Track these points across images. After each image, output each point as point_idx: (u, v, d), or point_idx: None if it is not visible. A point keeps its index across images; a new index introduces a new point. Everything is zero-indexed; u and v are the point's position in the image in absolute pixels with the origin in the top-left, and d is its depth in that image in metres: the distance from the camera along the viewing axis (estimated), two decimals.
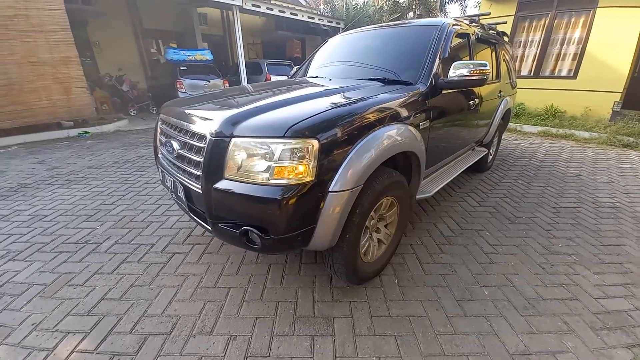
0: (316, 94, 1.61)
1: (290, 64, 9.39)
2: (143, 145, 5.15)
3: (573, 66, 5.89)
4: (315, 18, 9.23)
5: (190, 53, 7.49)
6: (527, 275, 1.90)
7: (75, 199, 2.98)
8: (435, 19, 2.30)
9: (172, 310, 1.60)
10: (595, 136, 5.30)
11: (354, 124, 1.31)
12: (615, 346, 1.40)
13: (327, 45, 2.83)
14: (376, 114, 1.44)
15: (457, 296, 1.72)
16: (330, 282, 1.82)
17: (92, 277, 1.86)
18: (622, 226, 2.52)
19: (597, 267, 2.00)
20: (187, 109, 1.56)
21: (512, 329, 1.51)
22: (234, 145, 1.20)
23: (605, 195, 3.16)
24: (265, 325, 1.51)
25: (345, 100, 1.48)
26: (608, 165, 4.11)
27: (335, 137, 1.24)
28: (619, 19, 5.09)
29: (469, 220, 2.60)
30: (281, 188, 1.15)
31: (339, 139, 1.25)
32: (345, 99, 1.50)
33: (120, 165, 4.08)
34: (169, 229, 2.44)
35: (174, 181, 1.52)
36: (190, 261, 2.02)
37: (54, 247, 2.16)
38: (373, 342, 1.43)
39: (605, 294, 1.74)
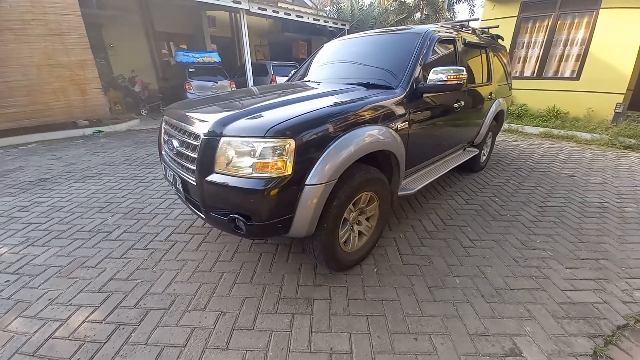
0: (301, 98, 1.79)
1: (296, 65, 9.58)
2: (152, 144, 5.43)
3: (576, 67, 5.87)
4: (321, 20, 9.40)
5: (199, 55, 7.78)
6: (499, 268, 2.02)
7: (89, 192, 3.24)
8: (421, 27, 2.43)
9: (172, 290, 1.80)
10: (596, 137, 5.29)
11: (330, 125, 1.48)
12: (576, 335, 1.51)
13: (322, 50, 3.00)
14: (354, 116, 1.60)
15: (430, 284, 1.87)
16: (315, 269, 1.99)
17: (103, 260, 2.09)
18: (605, 225, 2.60)
19: (571, 262, 2.10)
20: (186, 111, 1.76)
21: (476, 313, 1.64)
22: (223, 143, 1.39)
23: (595, 195, 3.22)
24: (252, 304, 1.69)
25: (327, 103, 1.64)
26: (604, 167, 4.14)
27: (312, 137, 1.41)
28: (623, 20, 5.07)
29: (454, 217, 2.72)
30: (262, 181, 1.33)
31: (315, 138, 1.42)
32: (326, 103, 1.67)
33: (131, 162, 4.35)
34: (172, 220, 2.65)
35: (174, 175, 1.72)
36: (190, 249, 2.23)
37: (70, 235, 2.41)
38: (346, 320, 1.59)
39: (573, 287, 1.85)
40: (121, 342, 1.46)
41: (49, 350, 1.42)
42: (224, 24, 10.86)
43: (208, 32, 9.73)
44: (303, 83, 2.52)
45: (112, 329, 1.53)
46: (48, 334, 1.51)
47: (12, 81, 5.30)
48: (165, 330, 1.52)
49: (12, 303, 1.71)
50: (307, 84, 2.40)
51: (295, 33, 11.68)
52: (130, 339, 1.48)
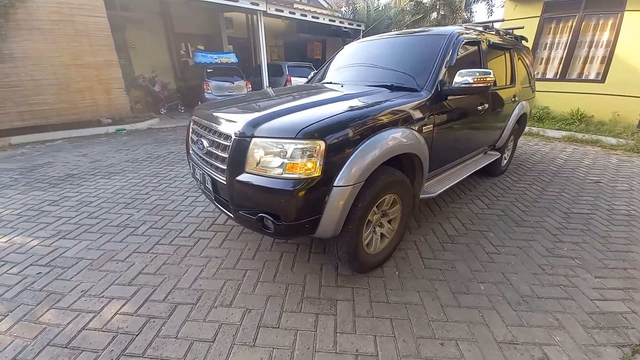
0: (327, 99, 1.80)
1: (311, 66, 9.65)
2: (172, 142, 5.58)
3: (601, 70, 5.66)
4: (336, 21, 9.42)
5: (217, 56, 7.93)
6: (525, 275, 1.98)
7: (115, 188, 3.37)
8: (446, 29, 2.41)
9: (198, 285, 1.85)
10: (622, 143, 5.09)
11: (358, 127, 1.49)
12: (605, 344, 1.47)
13: (342, 52, 3.01)
14: (380, 119, 1.61)
15: (454, 289, 1.85)
16: (336, 270, 2.01)
17: (131, 254, 2.17)
18: (633, 234, 2.50)
19: (600, 271, 2.03)
20: (215, 112, 1.80)
21: (503, 321, 1.62)
22: (254, 144, 1.42)
23: (622, 202, 3.10)
24: (276, 303, 1.72)
25: (353, 105, 1.65)
26: (631, 173, 3.98)
27: (341, 138, 1.42)
28: None
29: (475, 222, 2.68)
30: (292, 181, 1.35)
31: (344, 140, 1.44)
32: (353, 105, 1.68)
33: (153, 160, 4.48)
34: (195, 217, 2.72)
35: (202, 174, 1.77)
36: (213, 246, 2.28)
37: (99, 229, 2.51)
38: (371, 322, 1.59)
39: (602, 297, 1.80)
40: (152, 334, 1.51)
41: (82, 342, 1.47)
42: (241, 25, 11.03)
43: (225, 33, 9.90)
44: (326, 85, 2.54)
45: (143, 322, 1.58)
46: (81, 326, 1.57)
47: (41, 79, 5.56)
48: (194, 325, 1.57)
49: (45, 295, 1.79)
50: (331, 86, 2.42)
51: (310, 34, 11.74)
52: (161, 332, 1.53)
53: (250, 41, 11.77)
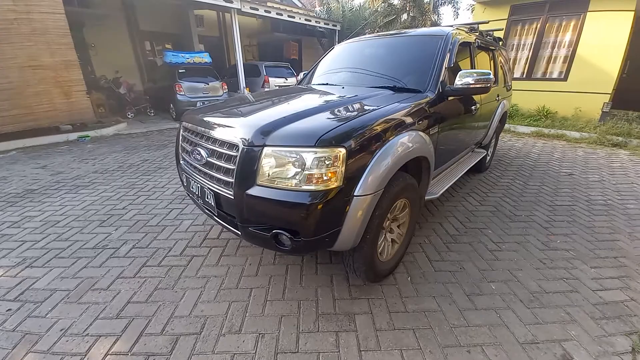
0: (336, 102, 1.70)
1: (288, 66, 9.47)
2: (145, 149, 5.16)
3: (564, 69, 6.12)
4: (312, 20, 9.32)
5: (189, 56, 7.49)
6: (530, 271, 2.03)
7: (85, 204, 3.00)
8: (439, 29, 2.41)
9: (199, 311, 1.67)
10: (585, 136, 5.52)
11: (375, 132, 1.41)
12: (615, 334, 1.52)
13: (334, 52, 2.92)
14: (395, 122, 1.54)
15: (467, 291, 1.83)
16: (347, 280, 1.91)
17: (115, 281, 1.91)
18: (614, 222, 2.68)
19: (594, 261, 2.14)
20: (215, 118, 1.63)
21: (520, 320, 1.62)
22: (266, 154, 1.28)
23: (597, 193, 3.33)
24: (290, 323, 1.59)
25: (365, 109, 1.57)
26: (598, 165, 4.31)
27: (360, 145, 1.33)
28: (609, 23, 5.32)
29: (472, 220, 2.72)
30: (312, 193, 1.24)
31: (363, 146, 1.35)
32: (365, 108, 1.59)
33: (125, 169, 4.09)
34: (184, 232, 2.49)
35: (201, 187, 1.59)
36: (210, 263, 2.09)
37: (72, 253, 2.20)
38: (393, 335, 1.52)
39: (602, 287, 1.88)
40: None
41: None
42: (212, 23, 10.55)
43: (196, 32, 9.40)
44: (324, 87, 2.43)
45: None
46: None
47: None
48: (202, 358, 1.40)
49: (19, 335, 1.52)
50: (331, 88, 2.31)
51: (285, 33, 11.53)
52: None
53: (223, 40, 11.31)
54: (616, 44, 5.27)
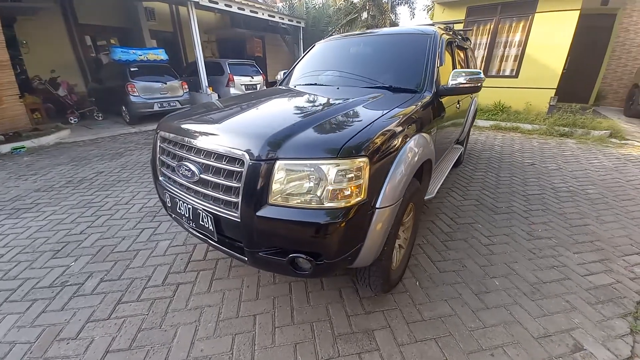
0: (343, 106, 1.55)
1: (253, 64, 9.06)
2: (97, 160, 4.52)
3: (515, 66, 6.68)
4: (276, 16, 9.01)
5: (142, 52, 6.75)
6: (524, 262, 2.11)
7: (30, 231, 2.50)
8: (424, 28, 2.40)
9: (199, 352, 1.44)
10: (537, 128, 6.08)
11: (392, 137, 1.31)
12: (612, 317, 1.63)
13: (316, 50, 2.77)
14: (407, 125, 1.46)
15: (475, 290, 1.84)
16: (357, 293, 1.81)
17: (85, 326, 1.59)
18: (580, 208, 2.94)
19: (574, 247, 2.30)
20: (205, 126, 1.40)
21: (529, 314, 1.66)
22: (279, 168, 1.11)
23: (559, 180, 3.65)
24: (307, 351, 1.44)
25: (376, 112, 1.46)
26: (553, 154, 4.75)
27: (380, 152, 1.22)
28: (554, 23, 5.90)
29: (461, 215, 2.79)
30: (336, 211, 1.10)
31: (382, 154, 1.24)
32: (375, 112, 1.49)
33: (76, 185, 3.53)
34: (162, 256, 2.18)
35: (194, 209, 1.36)
36: (200, 291, 1.84)
37: (25, 294, 1.79)
38: (417, 348, 1.46)
39: (589, 271, 2.02)
40: None
41: None
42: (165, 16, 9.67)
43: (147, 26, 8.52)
44: (316, 87, 2.27)
45: None
46: None
47: None
48: None
49: None
50: (324, 89, 2.16)
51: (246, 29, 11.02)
52: None
53: (178, 36, 10.45)
54: (561, 42, 5.87)
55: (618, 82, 7.54)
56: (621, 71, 7.45)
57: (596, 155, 4.62)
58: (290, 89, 2.26)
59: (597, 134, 5.53)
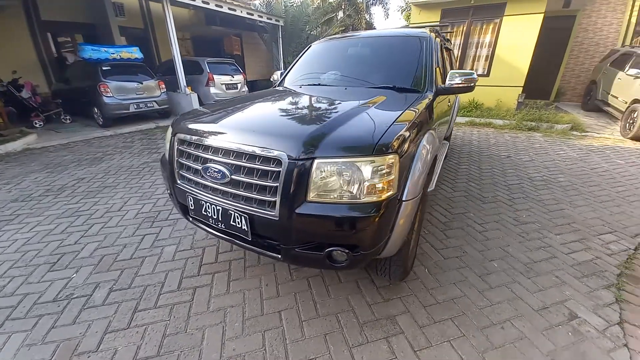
0: (364, 106, 1.62)
1: (233, 62, 8.88)
2: (74, 165, 4.24)
3: (486, 66, 7.15)
4: (254, 14, 8.87)
5: (114, 50, 6.35)
6: (516, 245, 2.32)
7: (17, 244, 2.32)
8: (417, 30, 2.54)
9: (231, 351, 1.46)
10: (507, 123, 6.56)
11: (413, 134, 1.41)
12: (598, 289, 1.86)
13: (314, 51, 2.81)
14: (421, 122, 1.57)
15: (478, 273, 2.01)
16: (373, 283, 1.91)
17: (104, 338, 1.53)
18: (555, 194, 3.26)
19: (556, 229, 2.56)
20: (233, 128, 1.41)
21: (527, 290, 1.85)
22: (318, 167, 1.17)
23: (534, 171, 4.00)
24: (337, 340, 1.51)
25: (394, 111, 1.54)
26: (525, 147, 5.17)
27: (406, 148, 1.32)
28: (521, 26, 6.40)
29: (453, 206, 2.99)
30: (372, 204, 1.18)
31: (407, 150, 1.34)
32: (392, 110, 1.57)
33: (57, 193, 3.30)
34: (171, 261, 2.14)
35: (224, 210, 1.36)
36: (220, 293, 1.84)
37: (28, 311, 1.68)
38: (437, 329, 1.58)
39: (571, 249, 2.27)
40: None
41: None
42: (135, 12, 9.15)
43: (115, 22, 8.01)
44: (323, 87, 2.32)
45: None
46: None
47: None
48: None
49: None
50: (335, 90, 2.22)
51: (222, 27, 10.72)
52: None
53: (149, 33, 9.93)
54: (526, 43, 6.39)
55: (576, 80, 8.33)
56: (579, 69, 8.24)
57: (561, 147, 5.09)
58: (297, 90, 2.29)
59: (560, 128, 6.09)
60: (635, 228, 2.53)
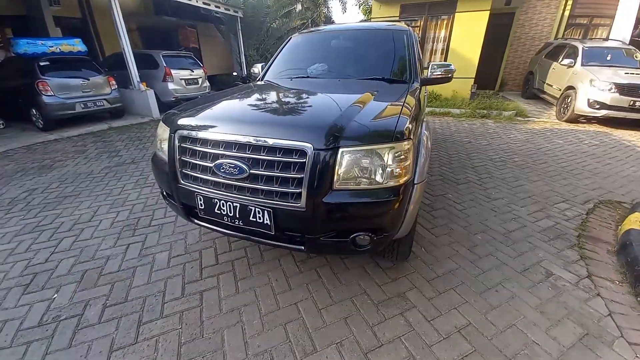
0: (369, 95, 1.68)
1: (191, 56, 8.34)
2: (21, 176, 3.69)
3: (442, 59, 7.69)
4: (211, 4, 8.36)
5: (53, 43, 5.54)
6: (492, 219, 2.60)
7: None
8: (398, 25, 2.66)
9: (256, 348, 1.45)
10: (463, 112, 7.17)
11: (418, 122, 1.51)
12: (564, 249, 2.18)
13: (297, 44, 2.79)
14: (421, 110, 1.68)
15: (467, 246, 2.23)
16: (379, 266, 2.01)
17: (112, 356, 1.42)
18: (514, 173, 3.68)
19: (521, 202, 2.92)
20: (249, 120, 1.38)
21: (509, 256, 2.11)
22: (342, 155, 1.20)
23: (493, 153, 4.46)
24: (357, 321, 1.58)
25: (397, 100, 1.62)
26: (480, 132, 5.71)
27: (415, 136, 1.41)
28: (471, 22, 6.97)
29: (433, 189, 3.23)
30: (395, 188, 1.25)
31: (416, 137, 1.43)
32: (395, 101, 1.64)
33: (8, 208, 2.86)
34: (167, 269, 2.02)
35: (242, 206, 1.33)
36: (229, 294, 1.79)
37: (12, 339, 1.48)
38: (443, 299, 1.73)
39: (536, 218, 2.61)
40: None
41: None
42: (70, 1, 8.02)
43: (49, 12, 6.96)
44: (314, 80, 2.32)
45: None
46: None
47: None
48: None
49: None
50: (328, 82, 2.23)
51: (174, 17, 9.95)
52: None
53: (89, 23, 8.82)
54: (476, 38, 7.00)
55: (515, 71, 9.36)
56: (518, 61, 9.27)
57: (511, 131, 5.73)
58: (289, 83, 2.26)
59: (507, 114, 6.82)
60: (583, 197, 2.99)
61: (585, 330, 1.52)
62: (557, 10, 8.29)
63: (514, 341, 1.47)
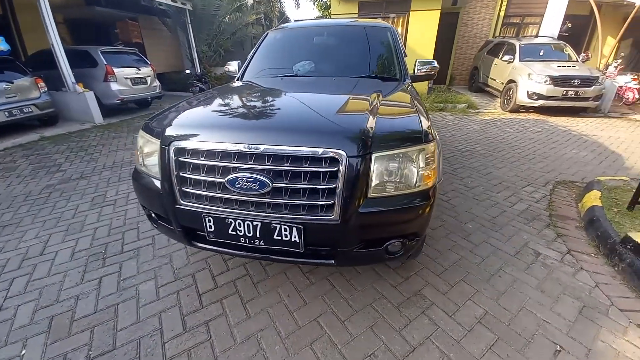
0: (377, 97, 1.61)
1: (136, 52, 7.47)
2: None
3: None
4: None
5: None
6: (476, 207, 2.77)
7: None
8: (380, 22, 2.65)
9: None
10: None
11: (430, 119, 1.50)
12: (542, 229, 2.41)
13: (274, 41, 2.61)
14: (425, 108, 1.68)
15: (462, 236, 2.33)
16: (388, 266, 1.99)
17: None
18: (481, 162, 3.99)
19: (494, 188, 3.17)
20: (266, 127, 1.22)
21: (500, 241, 2.26)
22: (375, 161, 1.13)
23: (458, 144, 4.79)
24: (383, 328, 1.54)
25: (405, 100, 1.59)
26: (442, 125, 6.11)
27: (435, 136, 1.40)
28: (424, 20, 7.36)
29: None
30: (427, 191, 1.22)
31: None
32: (402, 99, 1.61)
33: None
34: (157, 301, 1.75)
35: (264, 225, 1.17)
36: (240, 320, 1.62)
37: None
38: (456, 291, 1.78)
39: (512, 202, 2.85)
40: None
41: None
42: None
43: None
44: (304, 79, 2.17)
45: None
46: None
47: None
48: None
49: None
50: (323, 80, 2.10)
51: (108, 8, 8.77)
52: None
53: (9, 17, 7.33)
54: (430, 35, 7.43)
55: (461, 67, 10.20)
56: (463, 58, 10.10)
57: (467, 123, 6.22)
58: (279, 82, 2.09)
59: (460, 107, 7.40)
60: (542, 179, 3.36)
61: (582, 303, 1.69)
62: (494, 10, 9.20)
63: (528, 323, 1.57)
